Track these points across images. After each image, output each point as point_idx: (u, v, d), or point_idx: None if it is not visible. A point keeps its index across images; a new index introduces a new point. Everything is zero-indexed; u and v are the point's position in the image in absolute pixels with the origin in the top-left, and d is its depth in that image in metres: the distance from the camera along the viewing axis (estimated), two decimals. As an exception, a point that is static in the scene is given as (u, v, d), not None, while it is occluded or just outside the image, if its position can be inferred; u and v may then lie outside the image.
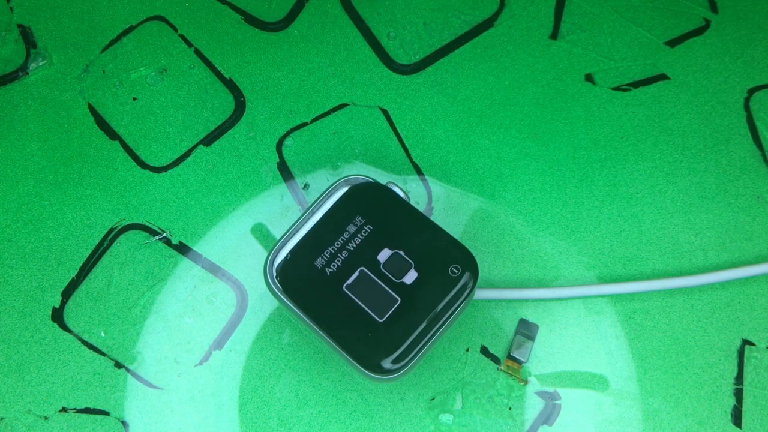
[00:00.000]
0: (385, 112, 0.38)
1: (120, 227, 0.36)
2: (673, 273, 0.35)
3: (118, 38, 0.39)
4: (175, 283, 0.35)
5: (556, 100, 0.38)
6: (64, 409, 0.33)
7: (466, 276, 0.29)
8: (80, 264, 0.35)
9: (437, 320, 0.28)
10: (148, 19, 0.39)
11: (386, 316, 0.28)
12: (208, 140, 0.37)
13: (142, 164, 0.37)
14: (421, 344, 0.28)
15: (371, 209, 0.30)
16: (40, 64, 0.38)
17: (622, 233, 0.35)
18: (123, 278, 0.35)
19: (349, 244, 0.29)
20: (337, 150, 0.37)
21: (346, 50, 0.39)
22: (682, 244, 0.35)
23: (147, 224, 0.36)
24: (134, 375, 0.33)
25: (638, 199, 0.36)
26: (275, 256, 0.30)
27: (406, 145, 0.37)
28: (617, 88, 0.38)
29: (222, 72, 0.38)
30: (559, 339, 0.34)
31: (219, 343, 0.34)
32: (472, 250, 0.30)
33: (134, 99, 0.38)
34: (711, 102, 0.38)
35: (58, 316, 0.34)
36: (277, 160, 0.37)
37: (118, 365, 0.33)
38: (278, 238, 0.31)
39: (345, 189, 0.31)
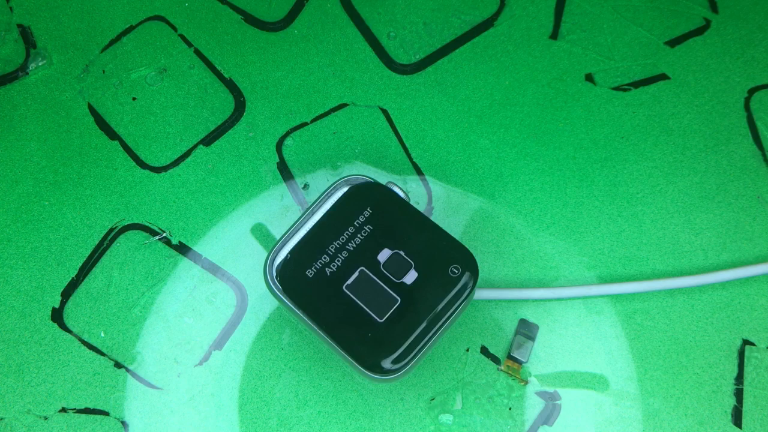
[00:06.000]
0: (385, 112, 0.38)
1: (120, 227, 0.36)
2: (673, 273, 0.35)
3: (118, 38, 0.39)
4: (175, 283, 0.35)
5: (556, 100, 0.38)
6: (63, 409, 0.33)
7: (466, 276, 0.29)
8: (80, 264, 0.35)
9: (437, 320, 0.28)
10: (148, 19, 0.39)
11: (386, 317, 0.28)
12: (208, 140, 0.37)
13: (142, 164, 0.37)
14: (421, 344, 0.28)
15: (371, 209, 0.30)
16: (40, 64, 0.38)
17: (622, 233, 0.35)
18: (123, 278, 0.35)
19: (349, 244, 0.29)
20: (337, 150, 0.37)
21: (346, 50, 0.39)
22: (682, 244, 0.35)
23: (147, 224, 0.36)
24: (134, 375, 0.33)
25: (638, 199, 0.36)
26: (275, 256, 0.30)
27: (406, 145, 0.37)
28: (617, 88, 0.38)
29: (222, 72, 0.38)
30: (560, 339, 0.34)
31: (219, 343, 0.34)
32: (472, 250, 0.29)
33: (134, 99, 0.38)
34: (711, 102, 0.38)
35: (58, 316, 0.34)
36: (277, 160, 0.37)
37: (118, 365, 0.33)
38: (278, 238, 0.31)
39: (345, 189, 0.31)
